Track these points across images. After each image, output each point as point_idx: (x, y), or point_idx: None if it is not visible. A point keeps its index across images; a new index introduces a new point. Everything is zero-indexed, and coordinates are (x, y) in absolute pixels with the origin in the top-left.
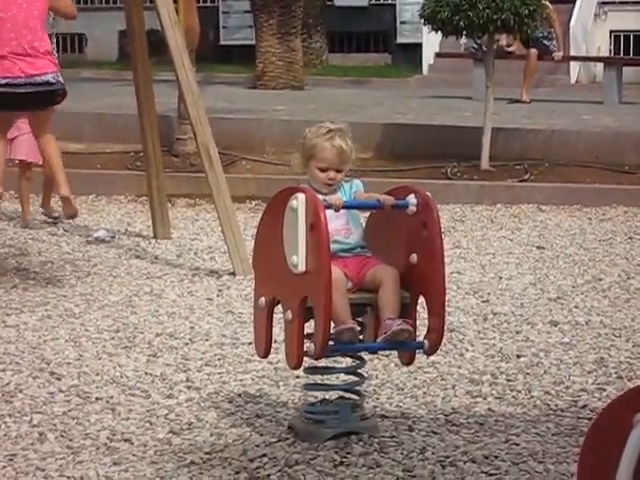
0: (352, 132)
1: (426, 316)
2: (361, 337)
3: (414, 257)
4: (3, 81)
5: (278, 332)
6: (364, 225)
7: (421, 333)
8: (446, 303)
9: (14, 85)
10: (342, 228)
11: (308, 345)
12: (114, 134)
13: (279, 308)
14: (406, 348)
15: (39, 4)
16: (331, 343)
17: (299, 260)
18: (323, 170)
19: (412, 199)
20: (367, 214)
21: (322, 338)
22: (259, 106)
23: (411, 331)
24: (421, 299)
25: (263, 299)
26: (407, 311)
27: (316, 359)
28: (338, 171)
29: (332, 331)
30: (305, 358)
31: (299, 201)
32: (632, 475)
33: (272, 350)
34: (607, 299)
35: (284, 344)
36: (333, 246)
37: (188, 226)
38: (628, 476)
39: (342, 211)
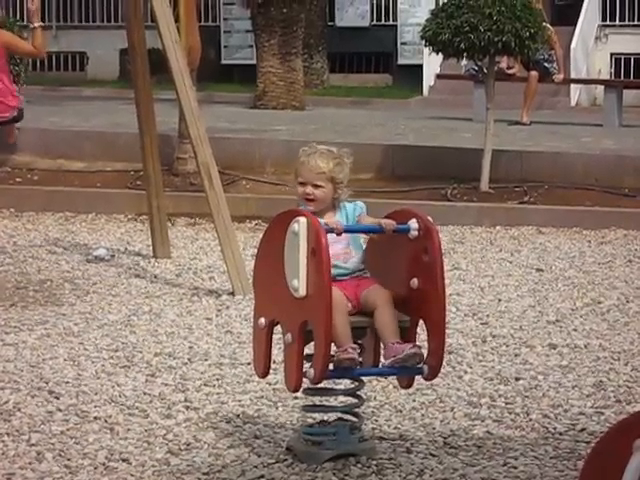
0: (352, 152)
1: (424, 338)
2: (360, 359)
3: (415, 282)
4: None
5: (277, 353)
6: (364, 246)
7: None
8: (446, 329)
9: None
10: (342, 252)
11: (307, 368)
12: (114, 153)
13: (278, 328)
14: (406, 373)
15: None
16: (331, 367)
17: (300, 284)
18: (302, 184)
19: (414, 224)
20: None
21: (322, 363)
22: (259, 126)
23: (422, 355)
24: (420, 322)
25: (263, 319)
26: (407, 335)
27: (315, 384)
28: (315, 186)
29: (332, 353)
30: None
31: (300, 225)
32: None
33: (271, 371)
34: (606, 322)
35: (283, 366)
36: (332, 270)
37: (188, 245)
38: None
39: (343, 234)
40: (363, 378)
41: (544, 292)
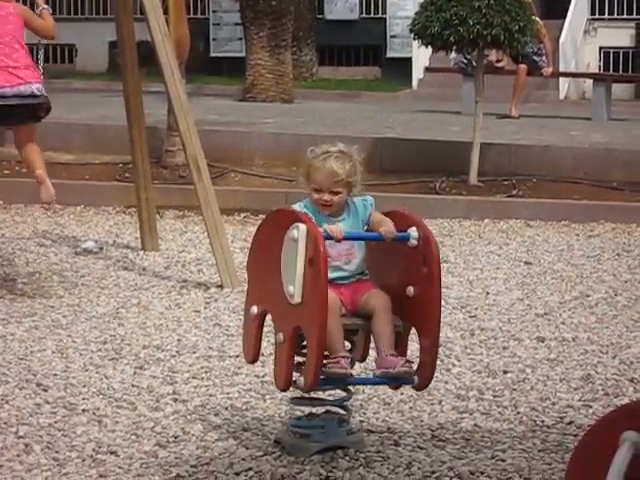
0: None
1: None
2: (352, 371)
3: (411, 290)
4: None
5: (266, 345)
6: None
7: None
8: (439, 341)
9: (1, 97)
10: (345, 253)
11: (298, 377)
12: (103, 145)
13: (269, 319)
14: (396, 383)
15: (12, 18)
16: (322, 377)
17: (296, 291)
18: (317, 191)
19: (414, 232)
20: None
21: (313, 373)
22: (248, 118)
23: (412, 372)
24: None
25: (255, 308)
26: (399, 340)
27: (306, 392)
28: (333, 193)
29: (325, 362)
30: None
31: (300, 232)
32: None
33: (259, 363)
34: (594, 315)
35: (273, 366)
36: (331, 273)
37: (176, 238)
38: None
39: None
40: (352, 373)
41: (532, 285)
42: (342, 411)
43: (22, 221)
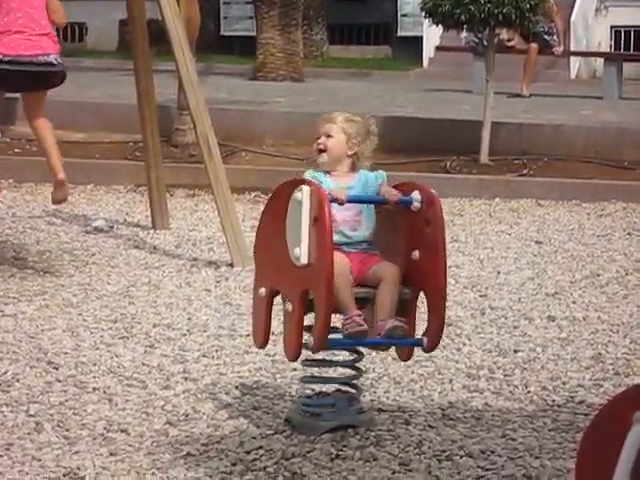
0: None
1: (425, 312)
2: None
3: (416, 253)
4: (7, 58)
5: (276, 325)
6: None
7: (420, 329)
8: (446, 301)
9: (17, 63)
10: (351, 219)
11: (307, 338)
12: (113, 124)
13: (278, 299)
14: (405, 344)
15: None
16: (331, 336)
17: (302, 253)
18: (317, 139)
19: (416, 195)
20: None
21: (322, 332)
22: (259, 97)
23: (404, 328)
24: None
25: (263, 289)
26: (407, 307)
27: (315, 352)
28: (327, 136)
29: (341, 324)
30: (303, 350)
31: (304, 193)
32: (630, 474)
33: (270, 342)
34: (605, 295)
35: (282, 336)
36: (337, 237)
37: (187, 217)
38: (626, 475)
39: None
40: (362, 350)
41: (543, 265)
42: (353, 390)
43: (33, 200)
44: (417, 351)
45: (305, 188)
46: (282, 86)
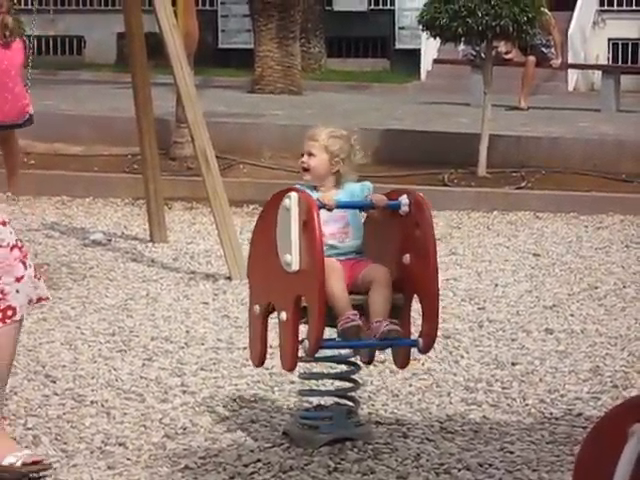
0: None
1: (419, 318)
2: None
3: (407, 257)
4: None
5: (273, 337)
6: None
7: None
8: (439, 302)
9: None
10: (338, 232)
11: (302, 345)
12: (112, 137)
13: (274, 315)
14: (400, 345)
15: (19, 54)
16: (325, 338)
17: (292, 259)
18: (301, 156)
19: (404, 199)
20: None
21: (316, 334)
22: (257, 110)
23: (399, 330)
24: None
25: (258, 307)
26: (400, 312)
27: (311, 355)
28: (309, 155)
29: (337, 323)
30: (300, 363)
31: (292, 200)
32: None
33: (267, 355)
34: (603, 307)
35: (279, 348)
36: (326, 249)
37: (185, 229)
38: None
39: (341, 214)
40: (359, 362)
41: (541, 277)
42: (350, 403)
43: (30, 213)
44: (415, 364)
45: (293, 194)
46: (280, 99)
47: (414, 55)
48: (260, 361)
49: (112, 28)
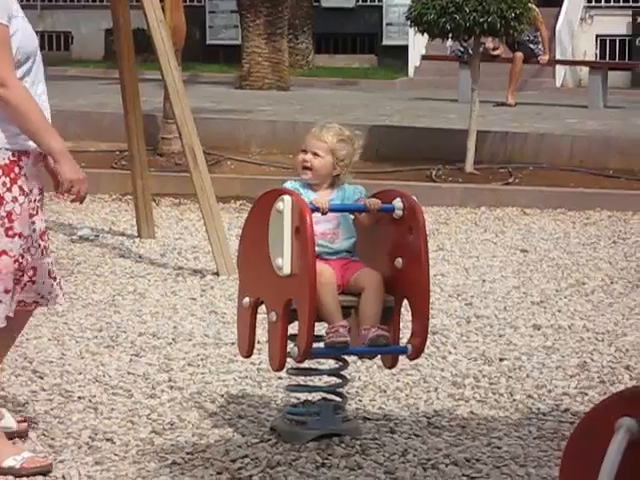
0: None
1: (410, 319)
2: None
3: (399, 261)
4: None
5: (261, 333)
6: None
7: (405, 336)
8: (430, 307)
9: None
10: (329, 232)
11: (291, 347)
12: (99, 132)
13: (263, 308)
14: (389, 352)
15: None
16: (315, 346)
17: (284, 263)
18: (303, 152)
19: (398, 203)
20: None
21: (306, 342)
22: (244, 106)
23: (387, 336)
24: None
25: (247, 299)
26: (390, 315)
27: (299, 362)
28: (314, 155)
29: (324, 333)
30: (288, 359)
31: (285, 203)
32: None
33: (255, 351)
34: (590, 303)
35: (267, 346)
36: (317, 249)
37: (172, 225)
38: None
39: (333, 215)
40: (347, 358)
41: (528, 273)
42: (338, 398)
43: None
44: (402, 359)
45: (286, 198)
46: (268, 95)
47: (402, 51)
48: (248, 352)
49: (100, 24)
